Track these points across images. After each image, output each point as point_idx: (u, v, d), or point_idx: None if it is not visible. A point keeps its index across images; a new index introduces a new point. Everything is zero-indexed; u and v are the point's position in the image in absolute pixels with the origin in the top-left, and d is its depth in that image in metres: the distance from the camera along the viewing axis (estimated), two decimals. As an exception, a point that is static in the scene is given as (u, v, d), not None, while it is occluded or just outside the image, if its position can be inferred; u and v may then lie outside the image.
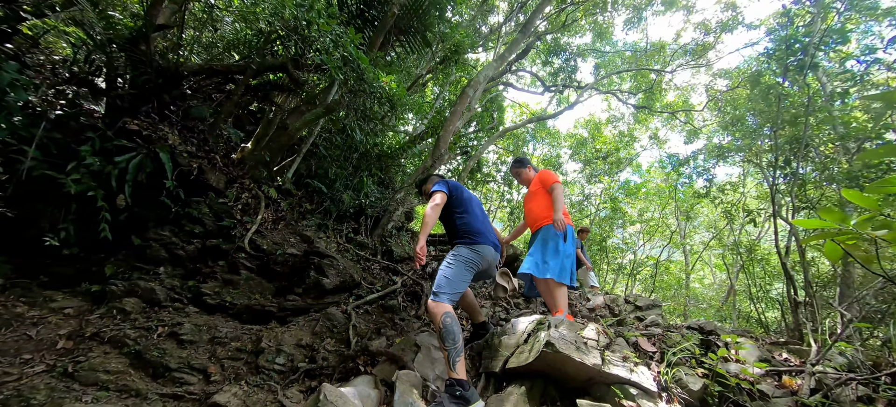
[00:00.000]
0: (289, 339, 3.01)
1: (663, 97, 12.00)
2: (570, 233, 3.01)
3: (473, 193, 2.98)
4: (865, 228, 1.40)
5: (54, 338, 2.60)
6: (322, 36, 2.88)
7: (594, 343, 1.93)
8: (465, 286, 2.39)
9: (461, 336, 2.12)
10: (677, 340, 2.09)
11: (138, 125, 3.52)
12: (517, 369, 2.06)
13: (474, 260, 2.45)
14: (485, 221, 2.69)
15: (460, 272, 2.37)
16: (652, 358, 1.98)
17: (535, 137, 17.38)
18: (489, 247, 2.55)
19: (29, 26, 3.96)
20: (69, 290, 3.20)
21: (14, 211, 3.32)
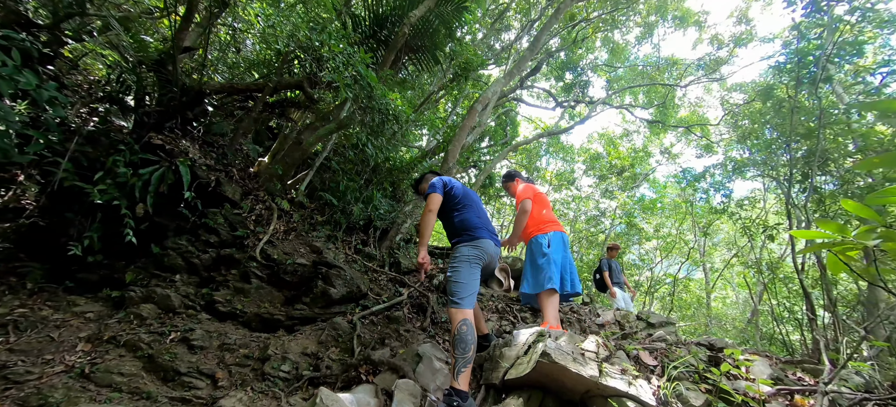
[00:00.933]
0: (295, 347, 3.07)
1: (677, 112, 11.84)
2: (554, 239, 2.96)
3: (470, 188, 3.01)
4: (867, 238, 1.38)
5: (75, 340, 2.73)
6: (333, 56, 3.02)
7: (593, 355, 1.91)
8: (477, 284, 2.40)
9: (473, 348, 2.11)
10: (680, 356, 2.04)
11: (162, 140, 3.73)
12: (515, 381, 2.05)
13: (477, 255, 2.44)
14: (482, 216, 2.68)
15: (468, 272, 2.37)
16: (653, 372, 1.93)
17: (549, 152, 17.35)
18: (488, 240, 2.54)
19: (69, 49, 4.30)
20: (92, 295, 3.36)
21: (46, 220, 3.56)
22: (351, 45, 4.71)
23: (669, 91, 10.89)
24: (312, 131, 4.91)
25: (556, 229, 3.01)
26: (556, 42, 10.01)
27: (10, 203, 3.66)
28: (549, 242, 2.91)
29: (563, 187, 18.14)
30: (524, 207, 3.00)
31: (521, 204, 3.03)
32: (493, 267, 2.69)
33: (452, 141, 4.76)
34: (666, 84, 10.74)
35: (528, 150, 17.40)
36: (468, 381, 2.06)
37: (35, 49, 3.58)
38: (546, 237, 2.94)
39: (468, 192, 2.80)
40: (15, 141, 2.92)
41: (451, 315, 2.23)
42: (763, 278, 7.40)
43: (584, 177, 15.83)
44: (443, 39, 4.76)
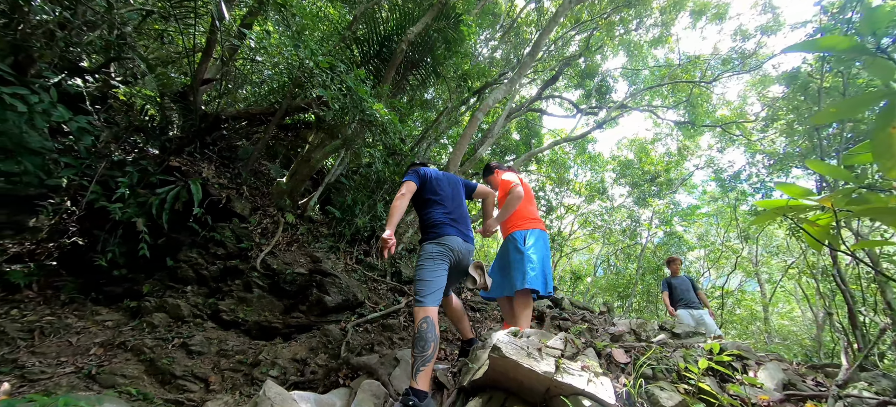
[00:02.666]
0: (286, 353, 3.13)
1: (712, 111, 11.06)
2: (537, 237, 2.79)
3: (460, 178, 2.82)
4: (841, 204, 1.19)
5: (89, 345, 2.97)
6: (322, 73, 3.18)
7: (556, 351, 1.78)
8: (443, 281, 2.30)
9: (433, 346, 2.04)
10: (659, 354, 1.83)
11: (180, 162, 4.07)
12: (478, 382, 1.95)
13: (441, 253, 2.34)
14: (454, 212, 2.54)
15: (432, 269, 2.28)
16: (623, 370, 1.75)
17: (578, 163, 16.85)
18: (456, 237, 2.42)
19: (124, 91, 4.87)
20: (114, 305, 3.66)
21: (84, 239, 3.97)
22: (355, 65, 4.94)
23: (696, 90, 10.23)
24: (321, 149, 5.14)
25: (538, 227, 2.85)
26: (573, 49, 9.84)
27: (58, 225, 4.13)
28: (524, 239, 2.74)
29: (595, 198, 17.47)
30: (517, 192, 2.76)
31: (514, 189, 2.78)
32: (466, 265, 2.56)
33: (454, 151, 4.77)
34: (690, 82, 10.10)
35: (556, 162, 17.03)
36: (428, 380, 1.99)
37: (80, 89, 4.09)
38: (523, 234, 2.77)
39: (450, 186, 2.65)
40: (50, 167, 3.32)
41: (413, 313, 2.17)
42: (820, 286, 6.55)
43: (615, 186, 15.13)
44: (443, 54, 4.86)
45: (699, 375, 1.61)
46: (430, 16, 4.41)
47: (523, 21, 9.17)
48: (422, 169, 2.61)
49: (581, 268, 22.64)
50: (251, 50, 4.87)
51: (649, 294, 15.23)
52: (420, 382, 1.95)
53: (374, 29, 4.86)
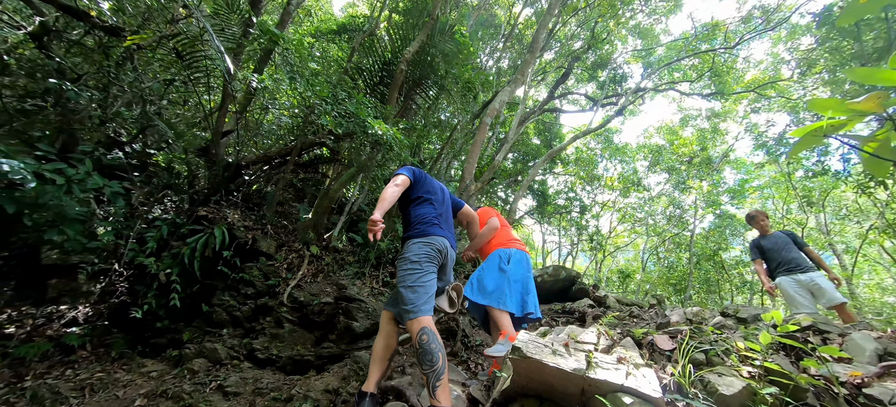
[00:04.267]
0: (318, 385, 3.07)
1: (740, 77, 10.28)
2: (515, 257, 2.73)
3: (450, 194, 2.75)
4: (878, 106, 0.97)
5: (134, 397, 3.06)
6: (323, 102, 3.25)
7: (588, 345, 1.58)
8: (433, 286, 2.11)
9: (442, 357, 1.87)
10: (713, 336, 1.58)
11: (206, 211, 4.26)
12: (508, 392, 1.77)
13: (429, 254, 2.15)
14: (445, 215, 2.42)
15: (421, 274, 2.07)
16: (669, 358, 1.52)
17: (607, 157, 16.23)
18: (444, 238, 2.24)
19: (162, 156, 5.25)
20: (159, 356, 3.80)
21: (131, 298, 4.20)
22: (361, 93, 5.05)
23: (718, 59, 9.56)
24: (339, 180, 5.23)
25: (518, 247, 2.80)
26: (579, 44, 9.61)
27: (107, 287, 4.41)
28: (509, 258, 2.69)
29: (631, 190, 16.66)
30: (493, 223, 2.82)
31: (490, 221, 2.85)
32: (449, 277, 2.40)
33: (467, 159, 4.68)
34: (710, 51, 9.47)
35: (583, 160, 16.52)
36: (448, 394, 1.82)
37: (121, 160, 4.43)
38: (508, 252, 2.73)
39: (440, 191, 2.56)
40: (93, 231, 3.56)
41: (408, 328, 1.96)
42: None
43: (649, 175, 14.35)
44: (443, 69, 4.88)
45: (764, 352, 1.36)
46: (424, 34, 4.46)
47: (524, 25, 9.11)
48: (419, 171, 2.50)
49: (628, 265, 21.44)
50: (263, 97, 5.10)
51: (708, 284, 14.02)
52: (441, 398, 1.79)
53: (374, 56, 4.97)
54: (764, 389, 1.30)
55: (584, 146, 16.71)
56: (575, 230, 18.22)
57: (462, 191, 4.47)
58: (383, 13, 5.40)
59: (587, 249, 18.79)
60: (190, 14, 3.46)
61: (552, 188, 16.86)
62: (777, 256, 3.95)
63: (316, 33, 7.31)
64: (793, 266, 3.83)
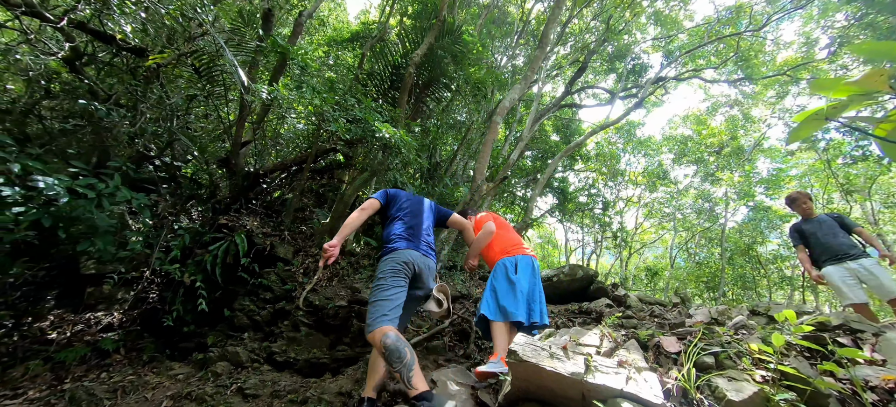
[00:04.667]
0: (332, 388, 3.12)
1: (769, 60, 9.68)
2: (522, 263, 2.65)
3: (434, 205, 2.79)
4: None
5: (162, 399, 3.22)
6: (331, 109, 3.31)
7: (590, 348, 1.53)
8: (400, 297, 2.18)
9: (407, 348, 1.95)
10: (725, 337, 1.49)
11: (227, 219, 4.43)
12: (510, 396, 1.75)
13: (395, 269, 2.24)
14: (416, 225, 2.45)
15: (385, 289, 2.17)
16: (675, 361, 1.44)
17: (629, 151, 15.74)
18: (410, 250, 2.29)
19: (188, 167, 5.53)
20: (186, 359, 3.98)
21: (161, 304, 4.43)
22: (372, 99, 5.12)
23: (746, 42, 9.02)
24: (353, 184, 5.32)
25: (523, 253, 2.72)
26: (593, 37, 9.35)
27: (139, 294, 4.67)
28: (516, 266, 2.63)
29: (657, 184, 16.09)
30: (488, 227, 2.77)
31: (485, 226, 2.79)
32: (427, 284, 2.42)
33: (477, 159, 4.66)
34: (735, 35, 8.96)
35: (604, 155, 16.10)
36: (422, 379, 1.90)
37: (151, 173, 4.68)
38: (513, 260, 2.67)
39: (411, 204, 2.63)
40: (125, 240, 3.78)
41: (370, 341, 2.06)
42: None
43: (675, 168, 13.79)
44: (452, 70, 4.87)
45: (777, 355, 1.27)
46: (431, 36, 4.48)
47: (537, 21, 8.97)
48: (392, 190, 2.62)
49: (656, 262, 20.73)
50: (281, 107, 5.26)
51: (744, 281, 13.31)
52: (417, 384, 1.87)
53: (384, 61, 5.03)
54: (778, 394, 1.21)
55: (604, 141, 16.29)
56: (598, 227, 17.78)
57: (474, 192, 4.44)
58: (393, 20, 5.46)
59: (612, 247, 18.28)
60: (205, 32, 3.62)
61: (573, 185, 16.52)
62: (822, 242, 3.49)
63: (330, 42, 7.48)
64: (841, 253, 3.39)
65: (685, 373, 1.30)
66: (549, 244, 24.25)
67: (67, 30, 3.46)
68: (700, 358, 1.39)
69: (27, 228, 2.93)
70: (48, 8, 3.45)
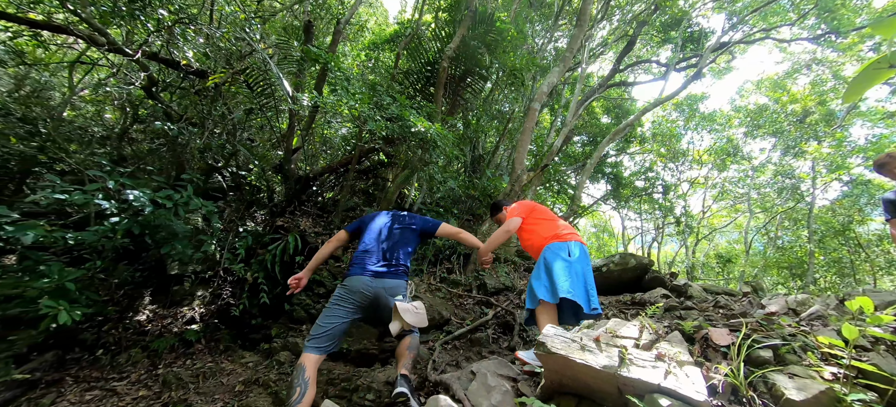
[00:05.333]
0: (381, 377, 3.26)
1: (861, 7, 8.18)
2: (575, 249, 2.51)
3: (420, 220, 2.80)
4: None
5: (235, 384, 3.60)
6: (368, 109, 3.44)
7: (628, 340, 1.45)
8: (337, 327, 2.34)
9: (298, 391, 2.09)
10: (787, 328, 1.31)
11: (283, 221, 4.80)
12: (547, 389, 1.71)
13: (339, 296, 2.38)
14: (370, 251, 2.51)
15: (326, 314, 2.34)
16: (725, 355, 1.29)
17: (692, 128, 14.40)
18: (358, 276, 2.37)
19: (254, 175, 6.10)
20: (255, 349, 4.41)
21: (232, 298, 4.94)
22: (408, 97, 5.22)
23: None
24: (396, 182, 5.49)
25: (576, 239, 2.57)
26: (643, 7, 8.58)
27: (215, 291, 5.24)
28: (569, 251, 2.47)
29: (728, 163, 14.57)
30: (510, 224, 2.70)
31: (509, 221, 2.72)
32: (384, 302, 2.40)
33: (516, 148, 4.55)
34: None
35: (664, 133, 14.92)
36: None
37: (220, 183, 5.22)
38: (566, 245, 2.51)
39: (378, 225, 2.71)
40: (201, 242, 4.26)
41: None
42: None
43: (748, 142, 12.33)
44: (487, 59, 4.78)
45: (851, 349, 1.11)
46: (463, 27, 4.43)
47: None
48: (367, 217, 2.78)
49: (730, 249, 18.86)
50: (327, 112, 5.55)
51: (840, 266, 11.56)
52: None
53: (419, 58, 5.09)
54: (852, 394, 1.05)
55: (662, 119, 15.06)
56: (659, 213, 16.56)
57: (514, 181, 4.36)
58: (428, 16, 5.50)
59: (675, 234, 16.94)
60: (253, 50, 3.94)
61: (628, 170, 15.51)
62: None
63: (370, 46, 7.73)
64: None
65: (735, 368, 1.17)
66: (605, 233, 23.04)
67: (143, 61, 3.96)
68: (755, 352, 1.24)
69: (122, 237, 3.42)
70: (127, 44, 3.98)
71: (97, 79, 5.91)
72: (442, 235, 2.87)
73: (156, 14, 4.33)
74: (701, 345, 1.40)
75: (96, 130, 6.27)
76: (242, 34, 3.66)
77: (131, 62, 4.12)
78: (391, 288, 2.45)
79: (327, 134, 5.97)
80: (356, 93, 3.29)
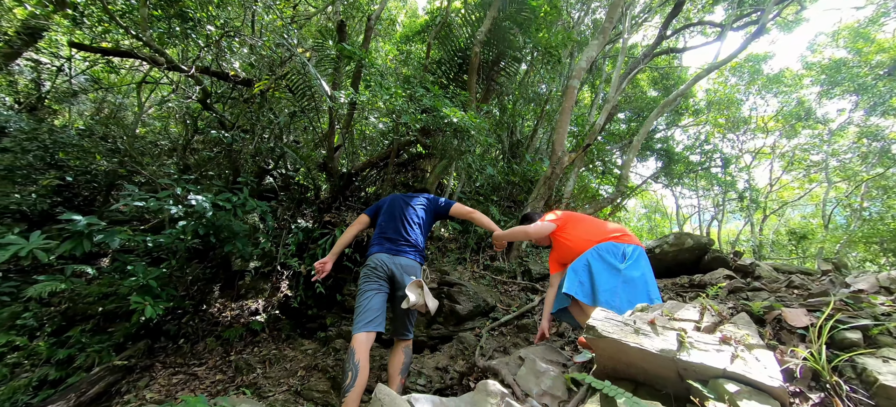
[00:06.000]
0: (430, 363, 3.35)
1: None
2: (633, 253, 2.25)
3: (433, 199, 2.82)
4: None
5: (297, 369, 3.86)
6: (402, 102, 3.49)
7: (688, 323, 1.36)
8: (374, 303, 2.38)
9: (353, 374, 2.14)
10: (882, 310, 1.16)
11: (329, 217, 5.03)
12: (599, 375, 1.67)
13: (366, 274, 2.48)
14: (387, 230, 2.57)
15: (360, 294, 2.42)
16: (803, 338, 1.16)
17: (755, 93, 13.06)
18: (379, 253, 2.45)
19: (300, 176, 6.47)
20: (312, 337, 4.70)
21: (290, 291, 5.29)
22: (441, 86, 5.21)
23: None
24: (434, 173, 5.54)
25: (632, 242, 2.29)
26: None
27: (274, 285, 5.64)
28: (624, 254, 2.20)
29: (798, 128, 13.11)
30: (542, 227, 2.55)
31: (541, 223, 2.58)
32: (403, 282, 2.43)
33: (555, 129, 4.38)
34: None
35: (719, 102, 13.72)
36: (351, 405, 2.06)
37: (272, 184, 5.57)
38: (620, 247, 2.23)
39: (392, 207, 2.73)
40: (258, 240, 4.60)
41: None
42: None
43: (823, 103, 10.96)
44: (519, 40, 4.61)
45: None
46: (494, 9, 4.30)
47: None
48: (384, 199, 2.80)
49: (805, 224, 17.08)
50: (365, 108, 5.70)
51: (945, 236, 9.99)
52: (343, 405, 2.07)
53: (450, 46, 5.04)
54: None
55: (718, 85, 13.82)
56: (718, 189, 15.35)
57: (554, 164, 4.22)
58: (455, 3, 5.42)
59: (738, 210, 15.62)
60: (292, 54, 4.13)
61: (680, 144, 14.45)
62: None
63: (402, 39, 7.79)
64: None
65: (815, 351, 1.06)
66: (657, 214, 21.72)
67: (197, 75, 4.29)
68: (839, 333, 1.12)
69: (192, 238, 3.77)
70: (182, 61, 4.33)
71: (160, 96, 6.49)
72: (455, 214, 2.89)
73: (205, 30, 4.68)
74: (773, 327, 1.27)
75: (164, 144, 6.94)
76: (281, 40, 3.84)
77: (187, 78, 4.49)
78: (406, 266, 2.53)
79: (366, 130, 6.14)
80: (390, 87, 3.34)
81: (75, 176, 5.63)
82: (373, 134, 5.98)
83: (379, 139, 6.08)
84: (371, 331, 2.37)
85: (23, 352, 3.59)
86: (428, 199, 2.89)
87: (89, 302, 4.18)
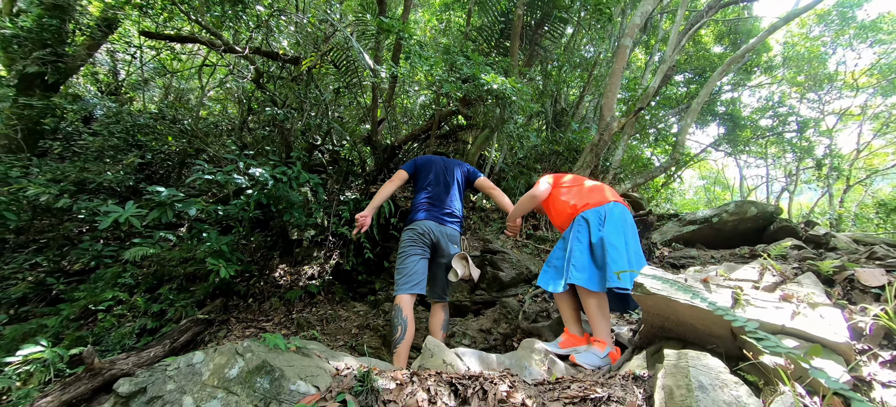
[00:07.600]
0: (474, 325, 3.50)
1: None
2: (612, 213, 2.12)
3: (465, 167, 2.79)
4: None
5: (351, 328, 4.20)
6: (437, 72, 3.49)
7: (746, 282, 1.32)
8: (418, 267, 2.43)
9: (400, 329, 2.26)
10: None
11: (375, 188, 5.24)
12: (647, 334, 1.67)
13: (411, 238, 2.49)
14: (436, 195, 2.53)
15: (405, 257, 2.46)
16: (878, 298, 1.07)
17: (840, 43, 11.37)
18: (427, 220, 2.43)
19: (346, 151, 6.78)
20: (363, 300, 5.04)
21: (341, 258, 5.66)
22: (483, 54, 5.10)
23: None
24: (476, 144, 5.53)
25: (614, 200, 2.16)
26: None
27: (327, 252, 6.05)
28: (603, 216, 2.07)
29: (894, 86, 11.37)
30: (535, 190, 2.45)
31: (536, 186, 2.49)
32: (447, 252, 2.49)
33: (605, 93, 4.15)
34: None
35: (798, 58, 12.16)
36: (401, 359, 2.20)
37: (321, 159, 5.89)
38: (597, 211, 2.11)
39: (436, 172, 2.69)
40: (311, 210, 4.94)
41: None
42: None
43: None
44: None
45: None
46: (539, -35, 4.07)
47: None
48: (421, 158, 2.79)
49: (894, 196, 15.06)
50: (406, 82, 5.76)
51: None
52: (395, 360, 2.23)
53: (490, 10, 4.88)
54: None
55: (799, 37, 12.19)
56: (792, 156, 13.87)
57: (603, 131, 4.04)
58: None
59: (814, 179, 14.09)
60: (336, 30, 4.24)
61: (748, 107, 13.10)
62: None
63: (441, 7, 7.65)
64: None
65: (891, 309, 1.00)
66: (717, 185, 20.03)
67: (250, 56, 4.56)
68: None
69: (254, 208, 4.13)
70: (235, 43, 4.61)
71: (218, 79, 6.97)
72: (479, 187, 2.92)
73: (255, 11, 4.92)
74: (844, 287, 1.19)
75: (224, 124, 7.52)
76: (325, 15, 3.95)
77: (241, 59, 4.78)
78: (451, 236, 2.64)
79: (407, 104, 6.22)
80: (429, 58, 3.34)
81: (153, 155, 6.31)
82: (414, 107, 6.04)
83: (420, 113, 6.14)
84: (414, 293, 2.53)
85: (125, 305, 4.22)
86: (463, 169, 2.94)
87: (173, 265, 4.77)
